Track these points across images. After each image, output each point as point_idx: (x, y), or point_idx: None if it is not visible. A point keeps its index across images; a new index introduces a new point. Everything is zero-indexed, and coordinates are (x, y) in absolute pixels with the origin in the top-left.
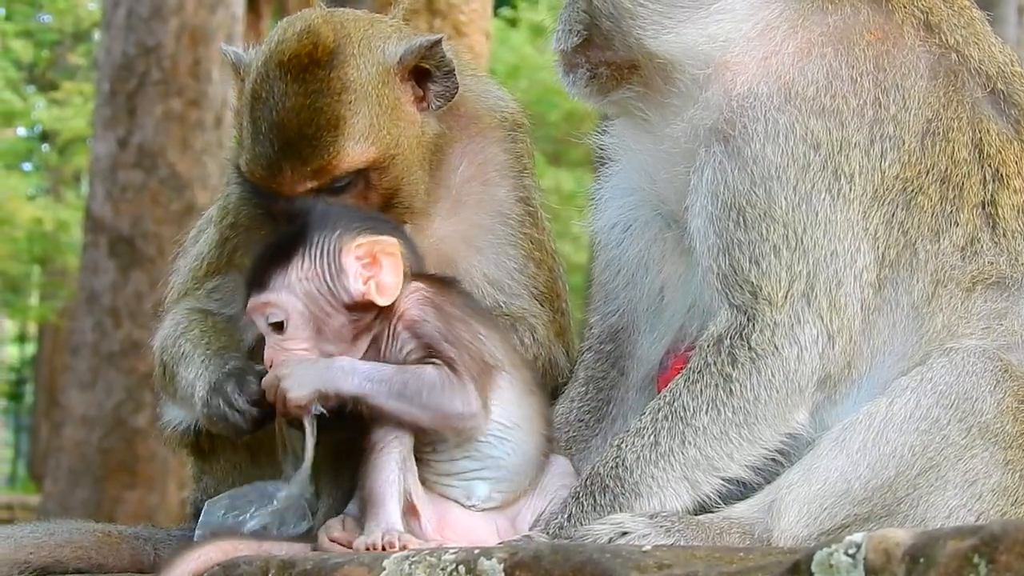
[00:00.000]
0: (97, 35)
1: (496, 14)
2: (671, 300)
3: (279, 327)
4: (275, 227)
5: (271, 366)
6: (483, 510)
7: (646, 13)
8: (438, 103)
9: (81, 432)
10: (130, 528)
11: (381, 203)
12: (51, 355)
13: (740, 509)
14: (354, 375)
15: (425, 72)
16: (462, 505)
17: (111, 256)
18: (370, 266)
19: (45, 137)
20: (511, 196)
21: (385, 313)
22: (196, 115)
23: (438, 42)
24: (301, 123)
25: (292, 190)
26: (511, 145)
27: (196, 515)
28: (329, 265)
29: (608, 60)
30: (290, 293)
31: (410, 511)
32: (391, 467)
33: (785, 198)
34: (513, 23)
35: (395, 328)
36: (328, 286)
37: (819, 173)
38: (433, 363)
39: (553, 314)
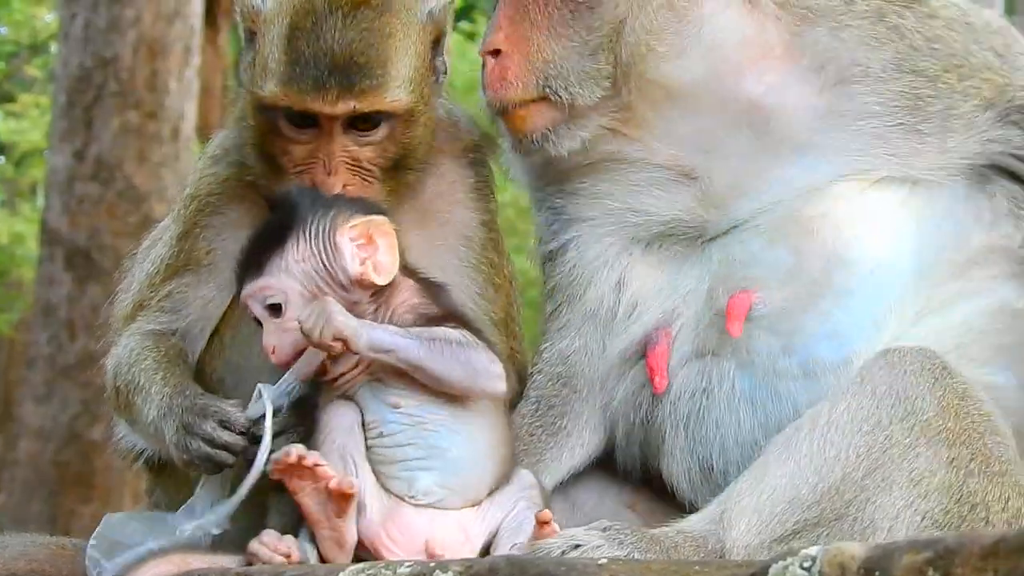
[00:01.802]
0: (54, 47)
1: (455, 28)
2: (643, 311)
3: (276, 309)
4: (249, 205)
5: (273, 352)
6: (426, 505)
7: (660, 52)
8: (436, 77)
9: (36, 445)
10: (84, 542)
11: (391, 161)
12: (6, 368)
13: (692, 522)
14: (386, 331)
15: (436, 40)
16: (405, 499)
17: (67, 269)
18: (365, 246)
19: (1, 149)
20: (475, 219)
21: (381, 298)
22: (153, 127)
23: (449, 3)
24: (353, 52)
25: (333, 108)
26: (479, 169)
27: None
28: (325, 246)
29: (616, 107)
30: (288, 275)
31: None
32: (331, 458)
33: None
34: (472, 37)
35: (395, 312)
36: (325, 266)
37: None
38: (451, 326)
39: (507, 338)
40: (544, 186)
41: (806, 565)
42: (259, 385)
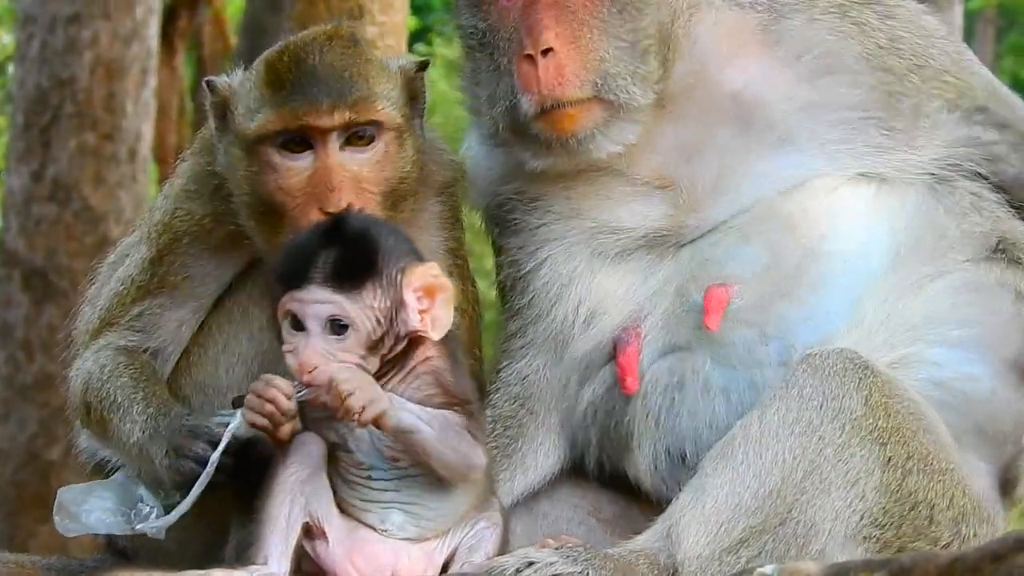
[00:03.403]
0: (11, 68)
1: (411, 50)
2: (602, 321)
3: (341, 330)
4: (224, 235)
5: (308, 372)
6: (396, 539)
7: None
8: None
9: None
10: (44, 559)
11: (389, 184)
12: None
13: (640, 542)
14: (409, 410)
15: (413, 98)
16: (375, 530)
17: (24, 289)
18: (424, 299)
19: None
20: (442, 247)
21: (405, 348)
22: (110, 148)
23: (424, 66)
24: (338, 69)
25: (330, 119)
26: (447, 198)
27: (108, 545)
28: (394, 297)
29: (649, 115)
30: (366, 311)
31: (318, 534)
32: (280, 496)
33: None
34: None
35: (415, 369)
36: (390, 317)
37: None
38: (456, 411)
39: (471, 360)
40: (520, 206)
41: None
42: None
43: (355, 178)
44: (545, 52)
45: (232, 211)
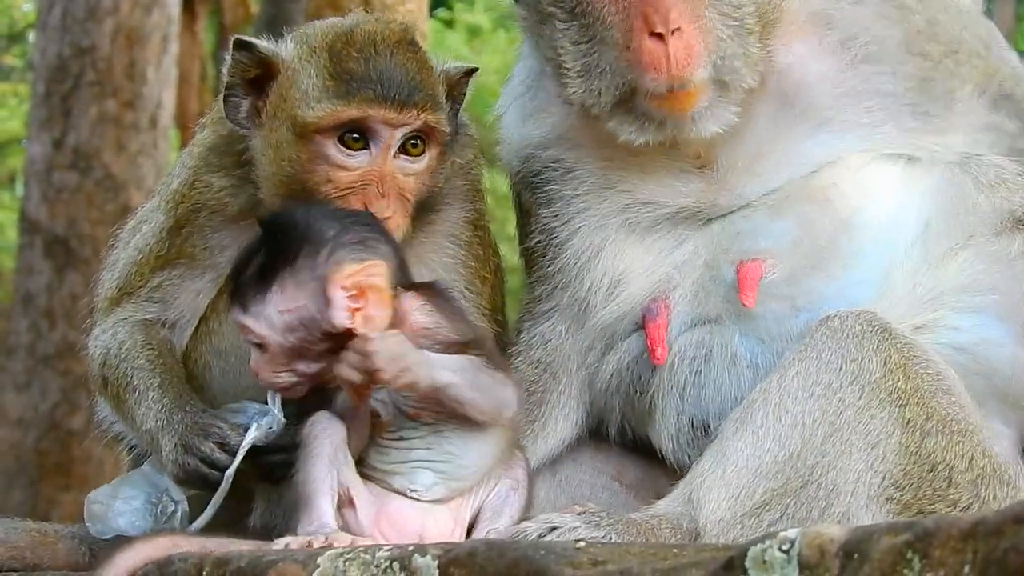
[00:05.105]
0: (32, 36)
1: (432, 15)
2: (629, 290)
3: (259, 347)
4: (243, 205)
5: (256, 377)
6: (425, 501)
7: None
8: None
9: (16, 434)
10: (65, 528)
11: (424, 195)
12: None
13: (662, 506)
14: (441, 366)
15: (453, 100)
16: (404, 493)
17: (46, 257)
18: (356, 298)
19: None
20: (463, 219)
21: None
22: (131, 116)
23: (469, 72)
24: (408, 71)
25: (399, 115)
26: (469, 172)
27: None
28: (314, 296)
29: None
30: (268, 327)
31: (347, 503)
32: (322, 464)
33: None
34: (449, 24)
35: (408, 329)
36: (311, 315)
37: None
38: (472, 354)
39: (495, 326)
40: (556, 176)
41: (784, 547)
42: (249, 406)
43: (400, 187)
44: (674, 32)
45: (251, 180)
